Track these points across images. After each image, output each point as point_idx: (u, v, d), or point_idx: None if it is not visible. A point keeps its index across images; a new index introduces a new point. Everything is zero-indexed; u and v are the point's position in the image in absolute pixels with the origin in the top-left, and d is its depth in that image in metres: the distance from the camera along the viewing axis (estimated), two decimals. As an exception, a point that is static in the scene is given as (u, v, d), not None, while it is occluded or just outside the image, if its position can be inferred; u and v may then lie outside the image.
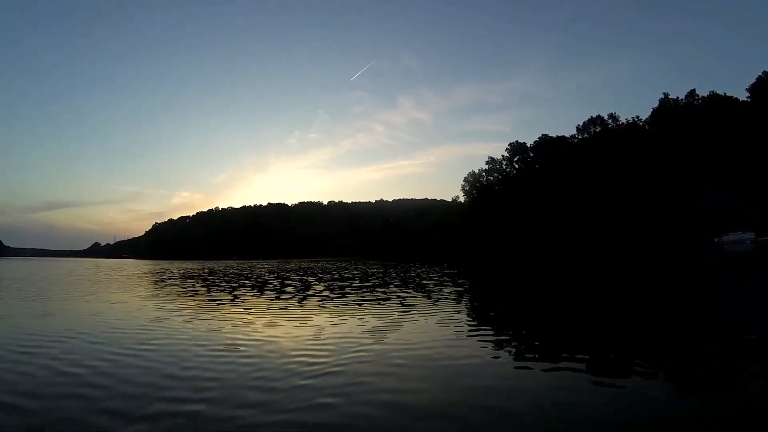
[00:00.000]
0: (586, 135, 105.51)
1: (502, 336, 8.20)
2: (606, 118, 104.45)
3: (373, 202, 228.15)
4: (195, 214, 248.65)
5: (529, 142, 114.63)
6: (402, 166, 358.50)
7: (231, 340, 7.78)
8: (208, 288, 19.69)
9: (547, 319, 10.18)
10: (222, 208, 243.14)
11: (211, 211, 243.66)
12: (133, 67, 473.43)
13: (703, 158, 77.84)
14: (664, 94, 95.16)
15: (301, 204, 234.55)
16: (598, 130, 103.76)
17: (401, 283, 20.06)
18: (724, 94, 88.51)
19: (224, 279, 26.32)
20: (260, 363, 6.21)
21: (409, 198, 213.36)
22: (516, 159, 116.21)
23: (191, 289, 19.53)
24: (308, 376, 5.47)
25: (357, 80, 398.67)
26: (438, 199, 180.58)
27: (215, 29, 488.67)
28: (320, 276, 28.05)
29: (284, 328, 9.04)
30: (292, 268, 44.64)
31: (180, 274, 33.17)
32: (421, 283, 20.29)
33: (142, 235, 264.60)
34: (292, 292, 17.39)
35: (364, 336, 7.96)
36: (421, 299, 13.79)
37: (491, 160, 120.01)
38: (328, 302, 13.71)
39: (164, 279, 27.52)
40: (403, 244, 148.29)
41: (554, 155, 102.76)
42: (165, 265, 64.33)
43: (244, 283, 22.26)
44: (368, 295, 15.24)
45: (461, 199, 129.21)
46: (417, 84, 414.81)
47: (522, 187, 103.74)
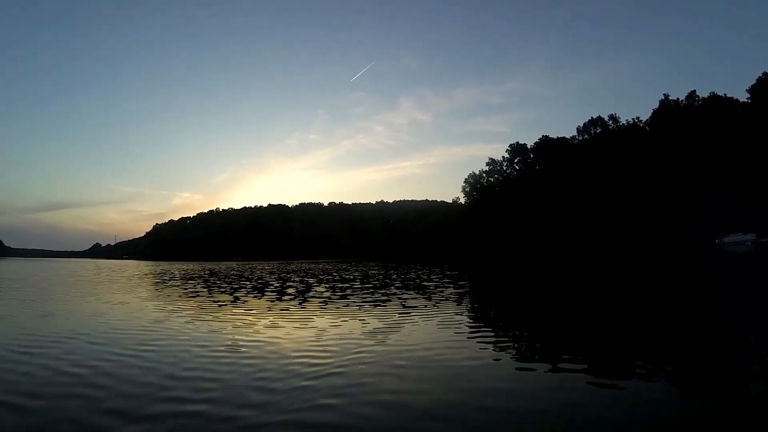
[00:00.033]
0: (586, 136, 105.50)
1: (503, 337, 8.21)
2: (606, 119, 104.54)
3: (373, 203, 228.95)
4: (195, 215, 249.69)
5: (530, 143, 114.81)
6: (402, 167, 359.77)
7: (232, 342, 7.79)
8: (208, 289, 19.68)
9: (547, 320, 10.19)
10: (222, 209, 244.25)
11: (211, 212, 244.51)
12: (134, 68, 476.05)
13: (704, 159, 77.81)
14: (665, 95, 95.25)
15: (302, 205, 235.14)
16: (598, 131, 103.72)
17: (402, 285, 20.06)
18: (725, 95, 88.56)
19: (225, 280, 26.32)
20: (262, 364, 6.21)
21: (410, 199, 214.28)
22: (516, 160, 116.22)
23: (192, 290, 19.52)
24: (310, 377, 5.48)
25: (357, 81, 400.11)
26: (438, 201, 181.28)
27: (215, 30, 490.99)
28: (321, 277, 28.05)
29: (285, 330, 9.04)
30: (292, 269, 44.62)
31: (181, 275, 33.16)
32: (422, 284, 20.29)
33: (143, 236, 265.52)
34: (293, 293, 17.39)
35: (365, 337, 7.96)
36: (421, 301, 13.79)
37: (492, 161, 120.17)
38: (329, 304, 13.71)
39: (165, 280, 27.51)
40: (403, 245, 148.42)
41: (555, 156, 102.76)
42: (165, 266, 64.31)
43: (244, 285, 22.26)
44: (369, 297, 15.24)
45: (462, 201, 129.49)
46: (417, 85, 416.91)
47: (522, 189, 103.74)
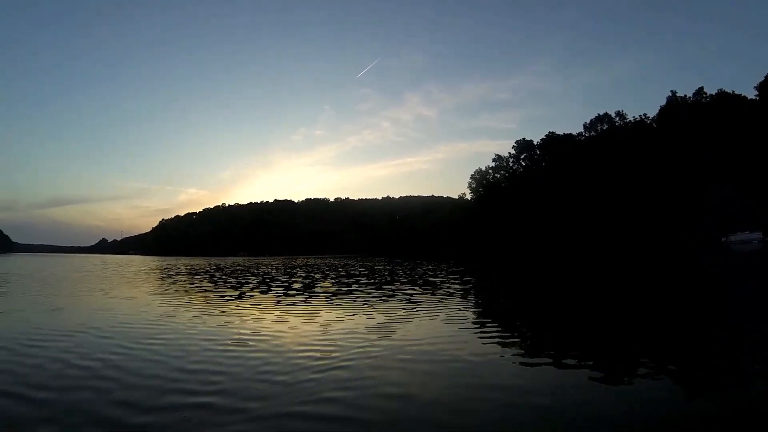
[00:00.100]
0: (593, 133, 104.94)
1: (508, 333, 8.24)
2: (613, 115, 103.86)
3: (379, 199, 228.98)
4: (201, 210, 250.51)
5: (537, 140, 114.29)
6: (408, 163, 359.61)
7: (239, 336, 7.85)
8: (215, 284, 19.79)
9: (552, 317, 10.20)
10: (228, 205, 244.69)
11: (217, 207, 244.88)
12: (139, 64, 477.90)
13: (711, 156, 77.28)
14: (672, 91, 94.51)
15: (308, 201, 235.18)
16: (605, 128, 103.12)
17: (408, 280, 20.09)
18: (732, 92, 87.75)
19: (231, 275, 26.44)
20: (268, 357, 6.27)
21: (416, 195, 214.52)
22: (523, 156, 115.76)
23: (198, 285, 19.64)
24: (316, 371, 5.52)
25: (363, 77, 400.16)
26: (445, 197, 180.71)
27: (221, 26, 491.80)
28: (327, 273, 28.13)
29: (292, 324, 9.10)
30: (298, 264, 44.77)
31: (187, 271, 33.35)
32: (428, 280, 20.31)
33: (149, 231, 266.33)
34: (299, 288, 17.46)
35: (371, 332, 8.00)
36: (427, 296, 13.82)
37: (498, 158, 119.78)
38: (335, 299, 13.77)
39: (171, 275, 27.69)
40: (409, 241, 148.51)
41: (561, 153, 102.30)
42: (172, 261, 64.63)
43: (251, 280, 22.37)
44: (375, 292, 15.27)
45: (468, 197, 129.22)
46: (424, 81, 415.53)
47: (529, 185, 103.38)
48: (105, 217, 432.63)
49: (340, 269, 32.71)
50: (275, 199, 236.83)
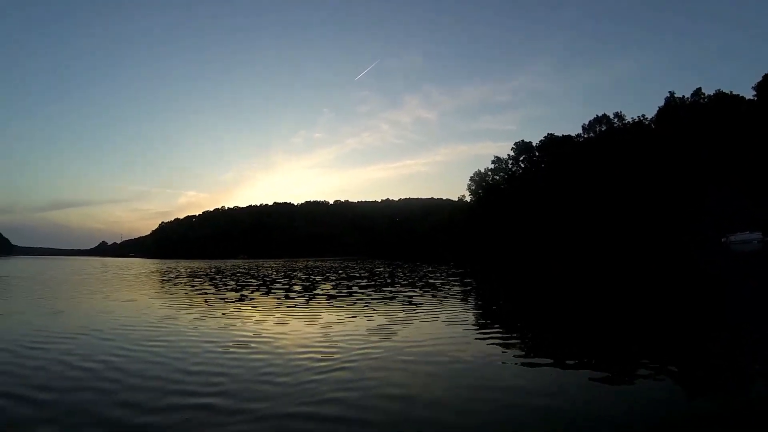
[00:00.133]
0: (591, 134, 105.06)
1: (508, 334, 8.27)
2: (612, 117, 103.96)
3: (379, 201, 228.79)
4: (201, 213, 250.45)
5: (536, 141, 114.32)
6: (408, 166, 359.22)
7: (240, 338, 7.87)
8: (215, 287, 19.81)
9: (552, 318, 10.23)
10: (228, 208, 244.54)
11: (217, 210, 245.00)
12: (138, 67, 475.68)
13: (710, 157, 77.35)
14: (670, 92, 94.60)
15: (307, 203, 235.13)
16: (603, 129, 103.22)
17: (408, 282, 20.10)
18: (731, 92, 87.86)
19: (231, 278, 26.45)
20: (270, 359, 6.29)
21: (416, 197, 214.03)
22: (522, 158, 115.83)
23: (199, 287, 19.65)
24: (318, 372, 5.55)
25: (362, 79, 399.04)
26: (444, 199, 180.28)
27: (219, 28, 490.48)
28: (327, 275, 28.14)
29: (293, 326, 9.13)
30: (298, 267, 44.75)
31: (187, 273, 33.35)
32: (428, 282, 20.32)
33: (149, 234, 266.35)
34: (299, 290, 17.49)
35: (371, 334, 8.02)
36: (427, 298, 13.83)
37: (497, 160, 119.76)
38: (336, 301, 13.80)
39: (171, 278, 27.68)
40: (409, 243, 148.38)
41: (560, 154, 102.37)
42: (172, 264, 64.58)
43: (251, 282, 22.38)
44: (375, 294, 15.30)
45: (467, 199, 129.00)
46: (423, 83, 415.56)
47: (528, 187, 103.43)
48: (105, 220, 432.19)
49: (340, 271, 32.73)
50: (275, 202, 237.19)
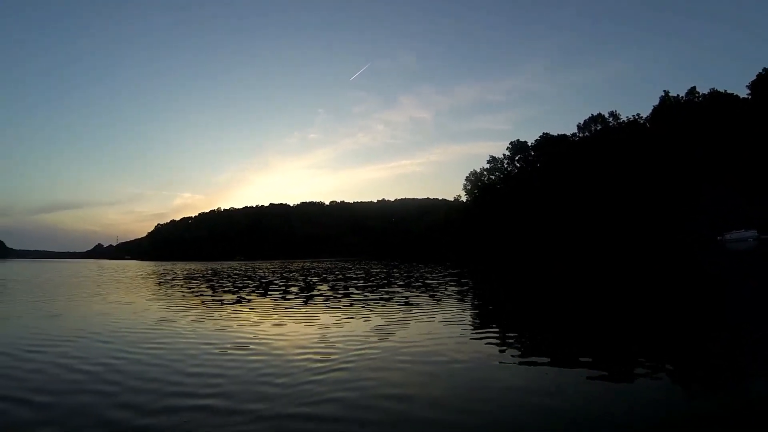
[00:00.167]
0: (587, 133, 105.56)
1: (506, 334, 8.29)
2: (607, 116, 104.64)
3: (374, 201, 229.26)
4: (197, 215, 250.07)
5: (531, 141, 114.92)
6: (403, 166, 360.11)
7: (238, 339, 7.88)
8: (212, 288, 19.77)
9: (550, 318, 10.23)
10: (224, 209, 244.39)
11: (213, 211, 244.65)
12: (133, 69, 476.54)
13: (704, 155, 77.76)
14: (665, 91, 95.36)
15: (303, 204, 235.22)
16: (599, 128, 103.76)
17: (405, 283, 20.10)
18: (725, 91, 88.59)
19: (228, 280, 26.40)
20: (268, 360, 6.32)
21: (411, 197, 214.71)
22: (517, 158, 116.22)
23: (196, 289, 19.61)
24: (316, 372, 5.58)
25: (357, 79, 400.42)
26: (440, 199, 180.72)
27: (214, 30, 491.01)
28: (324, 276, 28.09)
29: (290, 328, 9.13)
30: (295, 268, 44.69)
31: (184, 275, 33.27)
32: (425, 282, 20.32)
33: (145, 236, 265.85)
34: (296, 292, 17.47)
35: (369, 334, 8.04)
36: (425, 298, 13.83)
37: (492, 159, 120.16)
38: (333, 302, 13.77)
39: (168, 280, 27.61)
40: (405, 243, 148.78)
41: (555, 154, 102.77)
42: (168, 266, 64.46)
43: (248, 284, 22.35)
44: (372, 295, 15.30)
45: (463, 199, 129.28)
46: (418, 83, 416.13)
47: (523, 186, 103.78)
48: (100, 223, 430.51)
49: (337, 272, 32.70)
50: (271, 203, 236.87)
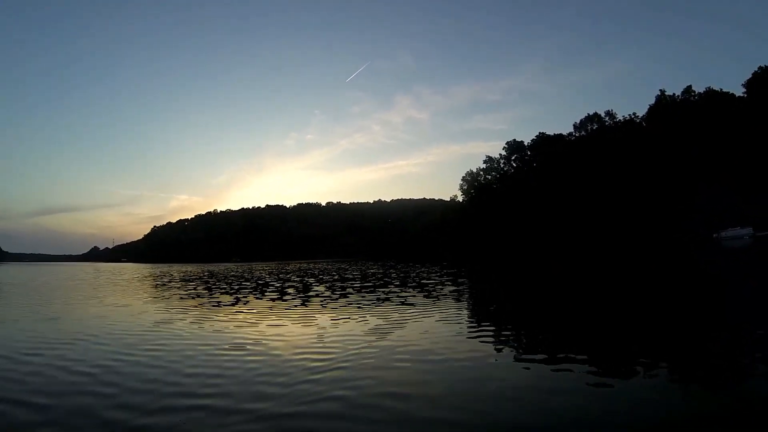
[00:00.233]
0: (583, 132, 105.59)
1: (504, 334, 8.36)
2: (603, 115, 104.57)
3: (371, 202, 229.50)
4: (193, 216, 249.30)
5: (527, 140, 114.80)
6: (400, 166, 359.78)
7: (236, 340, 7.91)
8: (209, 290, 19.78)
9: (547, 317, 10.27)
10: (220, 211, 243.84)
11: (209, 213, 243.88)
12: (130, 71, 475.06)
13: (700, 154, 77.92)
14: (661, 90, 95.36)
15: (300, 205, 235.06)
16: (595, 128, 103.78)
17: (401, 283, 20.15)
18: (720, 89, 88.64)
19: (225, 281, 26.42)
20: (266, 360, 6.36)
21: (408, 198, 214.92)
22: (514, 157, 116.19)
23: (193, 291, 19.63)
24: (315, 372, 5.63)
25: (354, 80, 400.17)
26: (436, 199, 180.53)
27: (211, 31, 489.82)
28: (320, 277, 28.12)
29: (288, 328, 9.17)
30: (291, 269, 44.68)
31: (180, 277, 33.25)
32: (421, 282, 20.37)
33: (141, 238, 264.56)
34: (293, 293, 17.50)
35: (366, 334, 8.09)
36: (421, 299, 13.89)
37: (489, 159, 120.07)
38: (330, 302, 13.81)
39: (165, 282, 27.59)
40: (402, 243, 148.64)
41: (552, 153, 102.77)
42: (164, 268, 64.38)
43: (245, 285, 22.36)
44: (369, 295, 15.34)
45: (459, 199, 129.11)
46: (414, 83, 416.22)
47: (520, 186, 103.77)
48: (96, 225, 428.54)
49: (334, 273, 32.73)
50: (267, 205, 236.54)
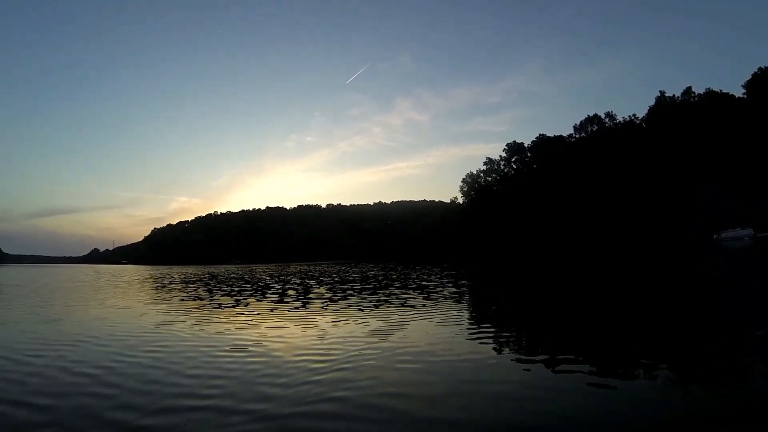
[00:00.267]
0: (583, 134, 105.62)
1: (504, 335, 8.38)
2: (603, 116, 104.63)
3: (371, 204, 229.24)
4: (194, 218, 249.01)
5: (527, 142, 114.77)
6: (400, 168, 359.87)
7: (237, 342, 7.92)
8: (210, 292, 19.79)
9: (548, 319, 10.28)
10: (220, 213, 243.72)
11: (209, 215, 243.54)
12: (130, 73, 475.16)
13: (700, 155, 77.95)
14: (661, 91, 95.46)
15: (300, 207, 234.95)
16: (595, 129, 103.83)
17: (402, 285, 20.16)
18: (720, 91, 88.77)
19: (226, 283, 26.41)
20: (268, 361, 6.38)
21: (408, 200, 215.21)
22: (514, 159, 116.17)
23: (193, 293, 19.63)
24: (316, 373, 5.64)
25: (354, 82, 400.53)
26: (436, 201, 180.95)
27: (211, 33, 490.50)
28: (321, 279, 28.13)
29: (289, 330, 9.18)
30: (292, 271, 44.68)
31: (181, 279, 33.24)
32: (422, 284, 20.39)
33: (141, 240, 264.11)
34: (294, 295, 17.51)
35: (367, 336, 8.10)
36: (421, 300, 13.90)
37: (489, 161, 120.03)
38: (331, 304, 13.83)
39: (165, 284, 27.60)
40: (402, 245, 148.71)
41: (552, 155, 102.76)
42: (165, 270, 64.33)
43: (245, 287, 22.36)
44: (369, 297, 15.36)
45: (460, 200, 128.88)
46: (414, 85, 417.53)
47: (520, 187, 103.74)
48: (97, 227, 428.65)
49: (334, 275, 32.72)
50: (267, 207, 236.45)
